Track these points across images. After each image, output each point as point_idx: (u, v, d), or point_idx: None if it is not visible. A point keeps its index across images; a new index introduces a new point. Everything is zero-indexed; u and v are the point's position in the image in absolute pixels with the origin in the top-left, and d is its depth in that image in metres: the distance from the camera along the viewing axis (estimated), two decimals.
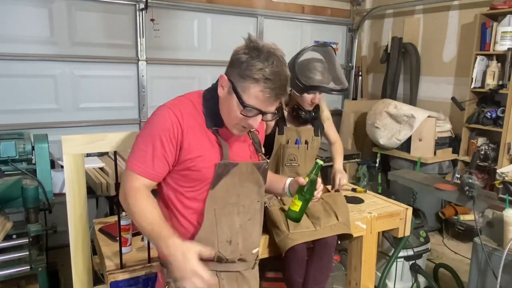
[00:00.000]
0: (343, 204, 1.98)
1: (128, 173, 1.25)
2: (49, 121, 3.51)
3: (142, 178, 1.24)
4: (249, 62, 1.16)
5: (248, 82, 1.16)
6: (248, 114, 1.20)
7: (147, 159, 1.23)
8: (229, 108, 1.23)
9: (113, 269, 1.59)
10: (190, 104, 1.28)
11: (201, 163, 1.25)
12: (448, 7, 4.30)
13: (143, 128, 1.29)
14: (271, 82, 1.15)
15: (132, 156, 1.26)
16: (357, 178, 4.49)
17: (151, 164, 1.23)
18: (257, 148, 1.42)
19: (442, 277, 2.88)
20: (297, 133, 2.05)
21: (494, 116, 3.71)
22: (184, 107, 1.26)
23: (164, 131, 1.22)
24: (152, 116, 1.27)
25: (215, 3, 4.14)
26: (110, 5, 3.65)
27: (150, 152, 1.23)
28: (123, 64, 3.81)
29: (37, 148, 2.15)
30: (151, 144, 1.23)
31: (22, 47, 3.34)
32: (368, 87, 5.41)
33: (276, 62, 1.16)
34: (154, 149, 1.22)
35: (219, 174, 1.27)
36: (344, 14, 5.17)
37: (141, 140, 1.25)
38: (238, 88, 1.18)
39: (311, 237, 1.80)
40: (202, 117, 1.28)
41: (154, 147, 1.22)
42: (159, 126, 1.23)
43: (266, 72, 1.14)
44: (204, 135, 1.27)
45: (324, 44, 2.05)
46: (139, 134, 1.28)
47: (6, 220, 1.95)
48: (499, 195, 2.23)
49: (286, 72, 1.19)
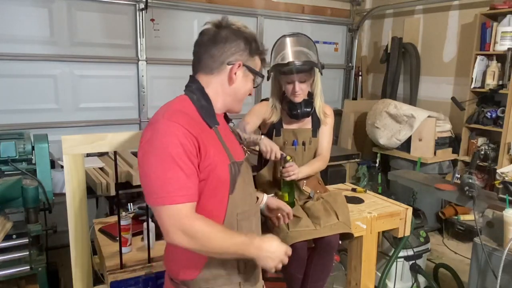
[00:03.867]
0: (343, 203, 1.98)
1: (171, 210, 1.08)
2: (49, 121, 3.51)
3: (187, 204, 1.10)
4: (254, 45, 1.25)
5: (256, 58, 1.27)
6: (255, 83, 1.31)
7: (181, 183, 1.08)
8: (244, 88, 1.27)
9: (113, 269, 1.59)
10: (183, 112, 1.17)
11: (218, 167, 1.18)
12: (448, 7, 4.30)
13: (151, 153, 1.10)
14: (265, 52, 1.31)
15: (162, 189, 1.08)
16: (357, 178, 4.49)
17: (188, 185, 1.10)
18: (239, 140, 1.40)
19: (442, 277, 2.88)
20: (294, 134, 2.04)
21: (494, 116, 3.71)
22: (182, 116, 1.14)
23: (182, 147, 1.09)
24: (156, 136, 1.10)
25: (215, 3, 4.15)
26: (110, 5, 3.65)
27: (180, 173, 1.08)
28: (123, 64, 3.81)
29: (37, 148, 2.15)
30: (176, 165, 1.08)
31: (22, 47, 3.34)
32: (368, 87, 5.41)
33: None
34: (182, 168, 1.08)
35: (233, 175, 1.21)
36: (344, 14, 5.17)
37: (161, 167, 1.08)
38: (253, 67, 1.26)
39: (311, 236, 1.80)
40: (201, 120, 1.20)
41: (181, 167, 1.08)
42: (174, 143, 1.08)
43: (262, 45, 1.28)
44: (210, 138, 1.19)
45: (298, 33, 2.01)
46: (151, 166, 1.09)
47: (6, 220, 1.95)
48: (499, 195, 2.23)
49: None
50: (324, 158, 2.09)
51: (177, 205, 1.08)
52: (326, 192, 2.09)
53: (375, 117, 4.17)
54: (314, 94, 2.04)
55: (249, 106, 4.52)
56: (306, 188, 2.03)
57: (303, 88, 1.94)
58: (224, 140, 1.25)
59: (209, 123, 1.21)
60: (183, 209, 1.08)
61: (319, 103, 2.06)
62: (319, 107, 2.06)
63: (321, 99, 2.06)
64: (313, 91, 2.04)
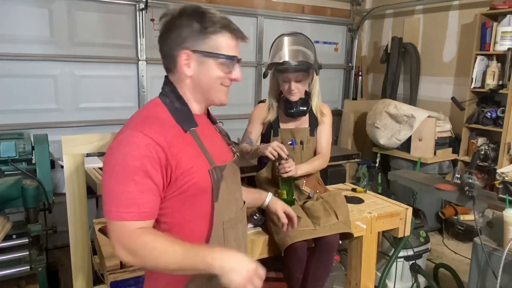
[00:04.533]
0: (343, 203, 1.98)
1: (116, 225, 1.00)
2: (49, 121, 3.51)
3: (135, 222, 1.01)
4: (204, 20, 1.08)
5: (215, 36, 1.09)
6: (231, 66, 1.13)
7: (132, 199, 1.00)
8: (208, 76, 1.12)
9: (113, 269, 1.59)
10: (155, 117, 1.09)
11: (196, 174, 1.08)
12: (448, 7, 4.30)
13: (108, 165, 1.03)
14: (232, 24, 1.12)
15: (112, 205, 1.01)
16: (357, 178, 4.49)
17: (140, 202, 1.01)
18: (227, 141, 1.32)
19: (442, 277, 2.88)
20: (291, 133, 2.03)
21: (494, 116, 3.71)
22: (151, 123, 1.06)
23: (141, 159, 1.00)
24: (117, 147, 1.03)
25: (215, 3, 4.14)
26: (110, 5, 3.65)
27: (133, 189, 1.00)
28: (123, 64, 3.81)
29: (37, 148, 2.15)
30: (131, 180, 1.00)
31: (22, 47, 3.34)
32: (368, 87, 5.41)
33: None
34: (137, 184, 1.00)
35: (216, 181, 1.13)
36: (344, 14, 5.17)
37: (115, 182, 1.01)
38: (209, 50, 1.10)
39: (310, 236, 1.80)
40: (175, 124, 1.10)
41: (136, 182, 1.00)
42: (132, 156, 1.00)
43: (224, 20, 1.11)
44: (185, 144, 1.09)
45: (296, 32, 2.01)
46: (108, 177, 1.03)
47: (6, 220, 1.95)
48: (499, 195, 2.23)
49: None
50: (324, 157, 2.07)
51: (123, 222, 1.00)
52: (326, 192, 2.08)
53: (375, 117, 4.17)
54: (311, 94, 2.05)
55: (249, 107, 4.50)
56: (306, 188, 2.03)
57: (299, 87, 1.94)
58: (205, 143, 1.15)
59: (184, 127, 1.11)
60: (129, 226, 1.00)
61: (316, 103, 2.06)
62: (316, 106, 2.06)
63: (318, 99, 2.06)
64: (310, 91, 2.04)
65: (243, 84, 4.53)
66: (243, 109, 4.37)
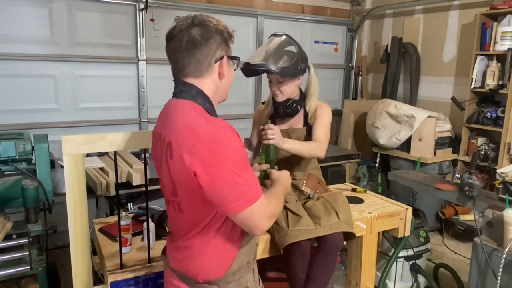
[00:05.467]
0: (344, 202, 1.98)
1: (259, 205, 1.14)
2: (49, 121, 3.51)
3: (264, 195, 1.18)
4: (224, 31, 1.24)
5: (230, 43, 1.27)
6: (237, 63, 1.32)
7: (255, 180, 1.17)
8: (231, 77, 1.29)
9: (113, 269, 1.59)
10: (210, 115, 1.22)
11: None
12: (448, 7, 4.30)
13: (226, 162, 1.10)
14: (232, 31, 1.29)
15: (250, 190, 1.12)
16: (357, 178, 4.49)
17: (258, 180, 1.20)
18: None
19: (442, 277, 2.88)
20: (287, 134, 2.02)
21: (494, 116, 3.71)
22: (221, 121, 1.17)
23: (243, 149, 1.16)
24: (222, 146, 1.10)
25: (215, 3, 4.14)
26: (110, 5, 3.65)
27: (251, 171, 1.17)
28: (123, 64, 3.81)
29: (37, 148, 2.15)
30: (247, 166, 1.16)
31: (22, 47, 3.34)
32: (368, 87, 5.41)
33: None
34: (249, 167, 1.18)
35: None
36: (344, 14, 5.17)
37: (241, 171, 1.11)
38: (230, 53, 1.28)
39: (310, 235, 1.80)
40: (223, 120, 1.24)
41: (249, 166, 1.17)
42: (239, 147, 1.13)
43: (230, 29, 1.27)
44: None
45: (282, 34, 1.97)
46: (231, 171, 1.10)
47: (6, 220, 1.95)
48: (499, 195, 2.23)
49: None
50: (319, 143, 1.98)
51: (262, 196, 1.16)
52: (326, 191, 2.08)
53: (375, 117, 4.18)
54: (306, 94, 2.04)
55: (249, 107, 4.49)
56: (306, 189, 2.03)
57: (281, 89, 1.95)
58: None
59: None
60: (263, 199, 1.16)
61: (310, 104, 2.03)
62: (310, 107, 2.03)
63: (315, 99, 2.04)
64: (306, 91, 2.04)
65: (243, 84, 4.53)
66: (243, 109, 4.37)
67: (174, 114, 1.19)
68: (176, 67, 1.23)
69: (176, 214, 1.27)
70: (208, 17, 1.23)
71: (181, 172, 1.13)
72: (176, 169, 1.15)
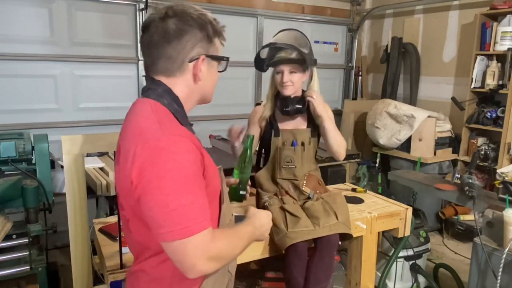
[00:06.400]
0: (343, 203, 1.98)
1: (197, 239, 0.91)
2: (49, 121, 3.51)
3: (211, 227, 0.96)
4: (211, 22, 1.07)
5: (214, 41, 1.09)
6: (225, 66, 1.15)
7: (204, 205, 0.95)
8: (212, 80, 1.12)
9: (113, 269, 1.59)
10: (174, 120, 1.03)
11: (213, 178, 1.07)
12: (448, 7, 4.30)
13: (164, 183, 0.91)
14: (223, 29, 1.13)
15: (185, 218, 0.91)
16: (357, 178, 4.49)
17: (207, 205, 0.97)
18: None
19: (442, 277, 2.88)
20: (292, 134, 2.02)
21: (494, 116, 3.71)
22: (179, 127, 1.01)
23: (194, 164, 0.96)
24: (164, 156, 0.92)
25: (215, 3, 4.14)
26: (110, 5, 3.65)
27: (201, 195, 0.95)
28: (123, 64, 3.81)
29: (37, 148, 2.15)
30: (196, 187, 0.94)
31: (22, 47, 3.34)
32: (368, 87, 5.41)
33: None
34: (201, 189, 0.96)
35: (221, 183, 1.13)
36: (344, 14, 5.17)
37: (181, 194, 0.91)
38: (213, 53, 1.10)
39: (310, 236, 1.79)
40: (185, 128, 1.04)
41: (200, 188, 0.96)
42: (190, 163, 0.94)
43: (219, 24, 1.11)
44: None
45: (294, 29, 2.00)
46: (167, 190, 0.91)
47: (6, 220, 1.95)
48: (499, 195, 2.23)
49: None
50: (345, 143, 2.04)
51: (202, 232, 0.92)
52: (326, 192, 2.08)
53: (375, 117, 4.17)
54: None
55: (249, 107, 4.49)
56: (306, 189, 2.03)
57: (292, 80, 1.90)
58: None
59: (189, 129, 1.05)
60: (208, 234, 0.94)
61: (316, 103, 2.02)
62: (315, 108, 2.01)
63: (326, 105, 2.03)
64: (309, 89, 2.03)
65: (243, 84, 4.53)
66: (243, 109, 4.37)
67: (131, 115, 1.06)
68: (147, 62, 1.08)
69: (127, 234, 1.11)
70: (190, 8, 1.05)
71: (123, 181, 0.98)
72: (119, 178, 1.02)
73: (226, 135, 1.96)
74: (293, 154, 1.98)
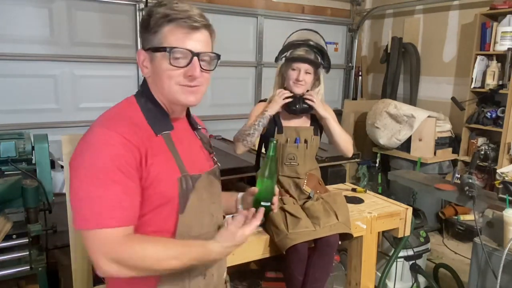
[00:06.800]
0: (343, 203, 1.98)
1: (97, 234, 0.89)
2: (49, 121, 3.51)
3: (118, 229, 0.91)
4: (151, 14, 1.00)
5: (160, 30, 0.98)
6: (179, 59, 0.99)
7: (114, 203, 0.91)
8: (160, 74, 1.01)
9: None
10: (127, 116, 1.02)
11: (163, 182, 1.00)
12: (448, 7, 4.30)
13: (80, 168, 0.93)
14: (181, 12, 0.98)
15: (90, 212, 0.90)
16: (357, 178, 4.49)
17: (123, 205, 0.93)
18: (208, 150, 1.21)
19: (442, 277, 2.88)
20: (296, 132, 2.03)
21: (494, 116, 3.71)
22: (123, 122, 0.99)
23: (120, 159, 0.92)
24: (87, 148, 0.94)
25: (215, 3, 4.14)
26: (110, 5, 3.65)
27: (116, 192, 0.92)
28: (123, 64, 3.81)
29: (37, 148, 2.15)
30: (110, 182, 0.91)
31: (22, 47, 3.34)
32: (368, 87, 5.41)
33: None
34: (119, 185, 0.92)
35: (184, 192, 1.03)
36: (344, 14, 5.17)
37: (93, 186, 0.91)
38: (156, 45, 1.00)
39: (310, 237, 1.80)
40: (147, 126, 1.02)
41: (117, 184, 0.92)
42: (109, 156, 0.92)
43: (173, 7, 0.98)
44: (155, 148, 1.01)
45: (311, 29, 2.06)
46: (81, 182, 0.92)
47: (6, 220, 1.95)
48: (499, 195, 2.23)
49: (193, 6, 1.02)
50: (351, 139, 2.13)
51: (106, 229, 0.90)
52: (326, 192, 2.08)
53: (375, 117, 4.17)
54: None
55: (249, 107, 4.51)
56: (307, 188, 2.03)
57: (306, 80, 1.96)
58: (179, 149, 1.06)
59: (155, 129, 1.03)
60: (112, 233, 0.90)
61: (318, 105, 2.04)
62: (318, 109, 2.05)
63: (323, 100, 2.06)
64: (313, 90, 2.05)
65: (243, 84, 4.53)
66: (243, 109, 4.36)
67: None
68: None
69: None
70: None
71: None
72: None
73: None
74: (296, 151, 1.99)
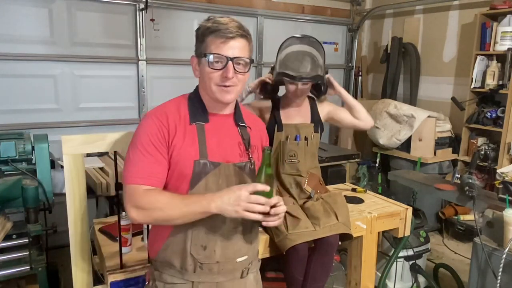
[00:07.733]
0: (343, 204, 1.98)
1: (131, 188, 1.22)
2: (49, 121, 3.50)
3: (143, 186, 1.22)
4: (200, 27, 1.28)
5: (205, 40, 1.26)
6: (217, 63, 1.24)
7: (143, 167, 1.23)
8: (204, 76, 1.28)
9: (113, 269, 1.59)
10: (174, 105, 1.32)
11: (180, 157, 1.25)
12: (448, 7, 4.30)
13: (131, 143, 1.29)
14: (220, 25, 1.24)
15: (129, 171, 1.24)
16: (357, 178, 4.49)
17: (150, 170, 1.23)
18: (246, 146, 1.37)
19: (442, 277, 2.88)
20: (296, 129, 2.03)
21: (494, 116, 3.71)
22: (167, 108, 1.30)
23: (152, 136, 1.24)
24: (137, 127, 1.30)
25: (215, 3, 4.14)
26: (110, 5, 3.65)
27: (144, 159, 1.23)
28: (123, 64, 3.80)
29: (37, 148, 2.15)
30: (140, 152, 1.23)
31: (22, 47, 3.33)
32: (368, 87, 5.41)
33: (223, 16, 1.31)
34: (145, 155, 1.23)
35: (197, 173, 1.25)
36: (344, 14, 5.17)
37: (133, 153, 1.25)
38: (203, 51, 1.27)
39: (310, 237, 1.79)
40: (186, 115, 1.30)
41: (144, 154, 1.23)
42: (147, 134, 1.24)
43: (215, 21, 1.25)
44: (188, 132, 1.28)
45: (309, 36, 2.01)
46: (129, 149, 1.28)
47: (6, 220, 1.95)
48: (499, 195, 2.23)
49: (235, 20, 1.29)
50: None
51: (134, 185, 1.21)
52: (326, 192, 2.08)
53: (375, 117, 4.17)
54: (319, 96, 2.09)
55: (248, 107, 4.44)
56: (307, 188, 2.03)
57: (304, 91, 1.98)
58: (209, 138, 1.29)
59: (191, 119, 1.29)
60: (138, 188, 1.21)
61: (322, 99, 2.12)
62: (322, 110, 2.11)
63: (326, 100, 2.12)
64: None
65: None
66: None
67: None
68: None
69: None
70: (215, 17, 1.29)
71: None
72: None
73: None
74: (296, 148, 1.99)
